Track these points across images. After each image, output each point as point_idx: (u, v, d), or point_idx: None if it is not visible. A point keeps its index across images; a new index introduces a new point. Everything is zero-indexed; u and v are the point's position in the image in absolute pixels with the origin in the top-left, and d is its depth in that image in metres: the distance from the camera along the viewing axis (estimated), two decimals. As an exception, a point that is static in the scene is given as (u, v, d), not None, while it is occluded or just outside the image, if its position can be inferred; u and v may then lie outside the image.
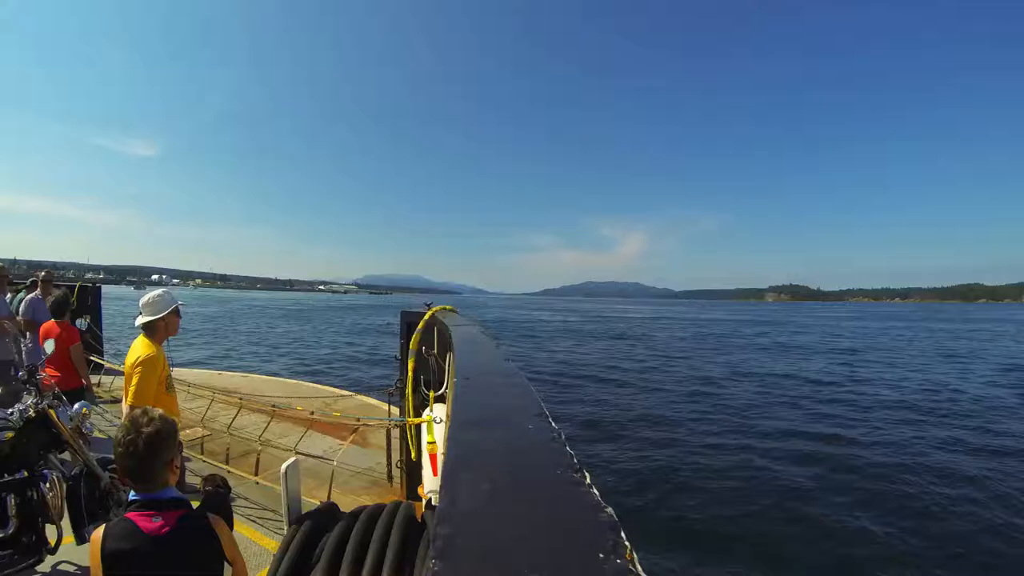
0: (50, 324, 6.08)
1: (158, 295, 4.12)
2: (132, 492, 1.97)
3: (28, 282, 10.58)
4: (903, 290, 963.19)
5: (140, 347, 3.98)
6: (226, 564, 2.08)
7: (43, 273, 8.88)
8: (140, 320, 4.03)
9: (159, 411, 2.04)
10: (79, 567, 4.04)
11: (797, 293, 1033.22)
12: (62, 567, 4.00)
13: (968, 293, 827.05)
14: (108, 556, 1.81)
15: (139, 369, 3.84)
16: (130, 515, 1.90)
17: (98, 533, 1.86)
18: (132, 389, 3.80)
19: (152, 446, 1.91)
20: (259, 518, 5.43)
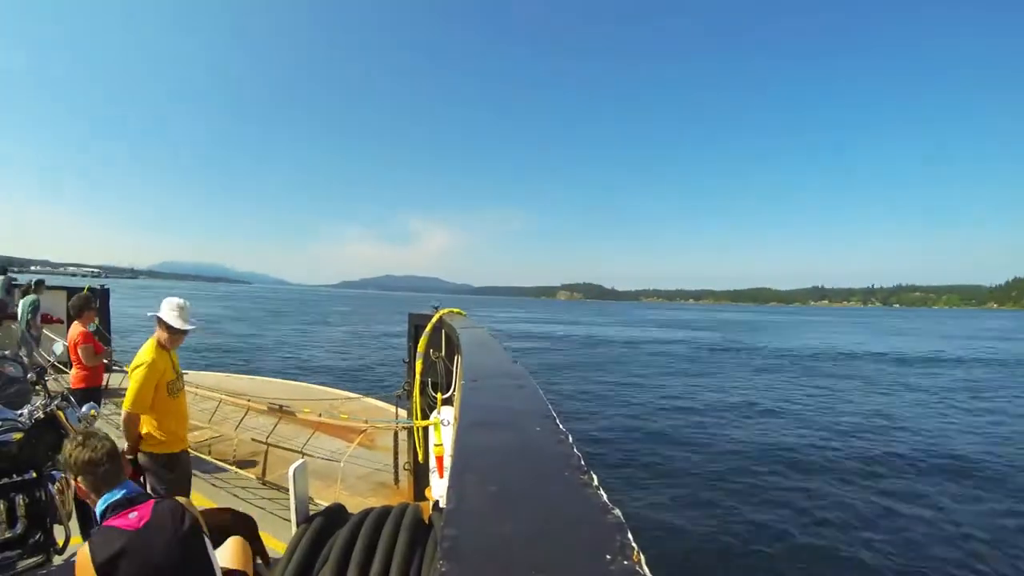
0: (74, 324, 6.40)
1: (187, 304, 4.10)
2: (100, 504, 2.08)
3: (31, 285, 10.66)
4: (697, 292, 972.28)
5: (144, 351, 3.95)
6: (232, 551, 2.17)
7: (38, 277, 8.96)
8: (183, 325, 3.98)
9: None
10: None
11: (589, 292, 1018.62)
12: (70, 567, 4.02)
13: (758, 296, 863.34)
14: (102, 566, 1.84)
15: (136, 372, 3.83)
16: (107, 523, 1.99)
17: (83, 552, 1.90)
18: (130, 393, 3.80)
19: (115, 445, 2.17)
20: (267, 519, 5.45)
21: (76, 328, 6.34)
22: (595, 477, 0.78)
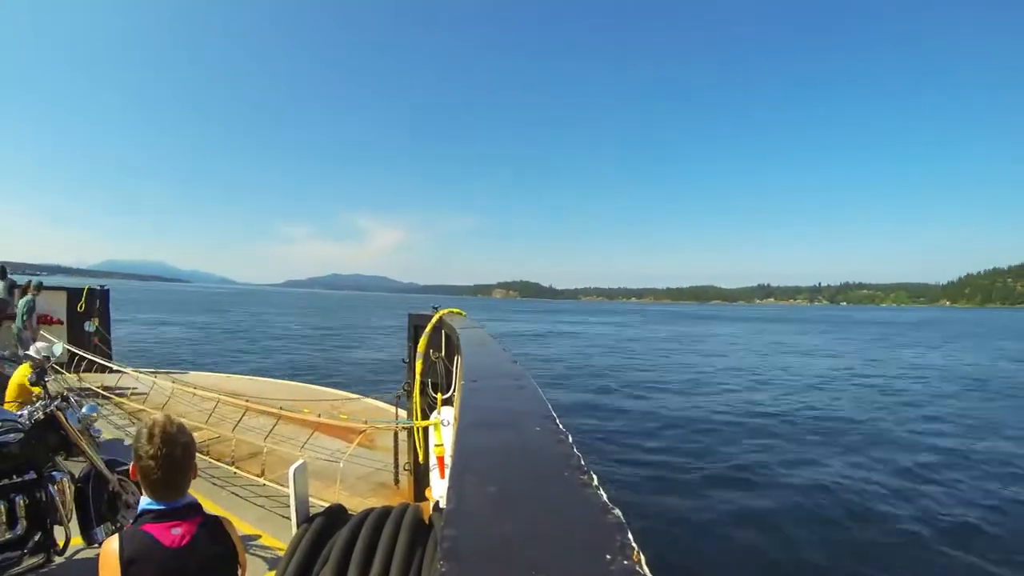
0: None
1: None
2: (147, 501, 1.87)
3: (28, 286, 10.66)
4: (639, 290, 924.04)
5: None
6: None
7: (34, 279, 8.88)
8: None
9: (178, 418, 2.00)
10: (87, 568, 4.05)
11: (526, 290, 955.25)
12: (70, 568, 4.02)
13: (701, 294, 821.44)
14: (127, 565, 1.73)
15: None
16: (147, 527, 1.81)
17: (112, 545, 1.78)
18: None
19: (189, 455, 1.88)
20: (267, 520, 5.45)
21: None
22: (595, 477, 0.78)
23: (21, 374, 6.16)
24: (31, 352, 5.91)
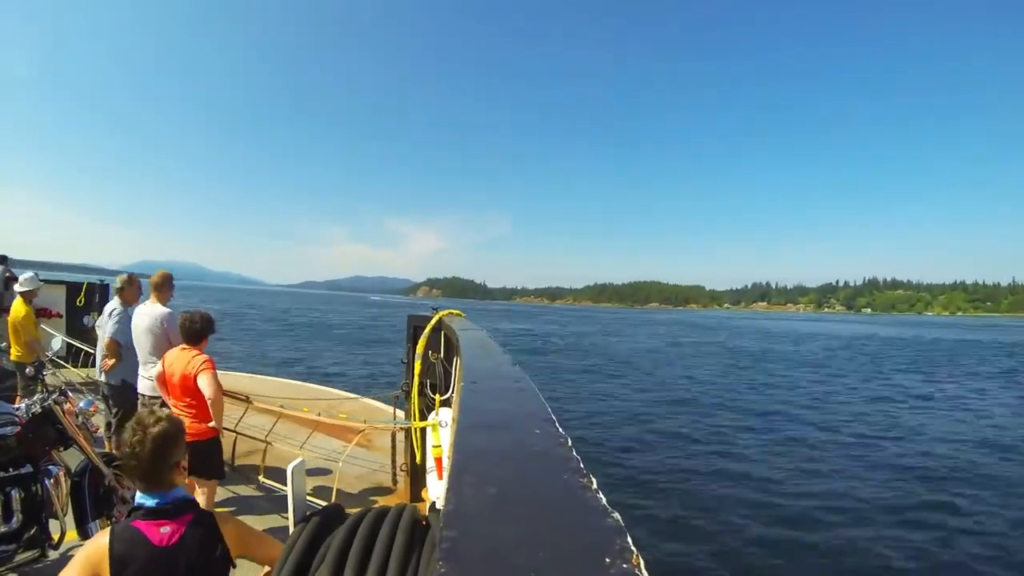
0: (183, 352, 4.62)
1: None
2: (139, 495, 1.93)
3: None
4: (569, 290, 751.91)
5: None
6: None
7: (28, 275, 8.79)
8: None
9: (167, 411, 2.05)
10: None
11: (452, 288, 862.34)
12: (65, 562, 4.01)
13: (638, 293, 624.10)
14: (115, 563, 1.77)
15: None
16: (137, 524, 1.86)
17: (102, 540, 1.82)
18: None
19: (158, 447, 1.89)
20: (264, 518, 5.43)
21: (188, 355, 4.53)
22: (594, 480, 0.78)
23: (16, 311, 6.30)
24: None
